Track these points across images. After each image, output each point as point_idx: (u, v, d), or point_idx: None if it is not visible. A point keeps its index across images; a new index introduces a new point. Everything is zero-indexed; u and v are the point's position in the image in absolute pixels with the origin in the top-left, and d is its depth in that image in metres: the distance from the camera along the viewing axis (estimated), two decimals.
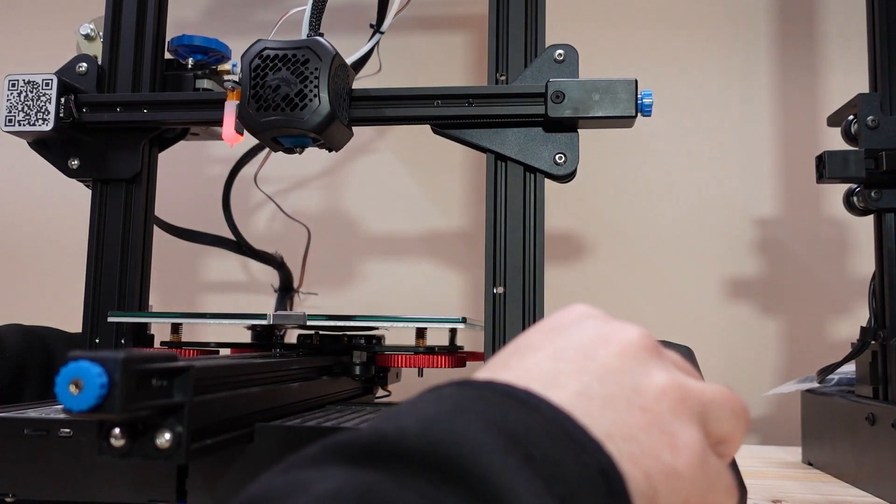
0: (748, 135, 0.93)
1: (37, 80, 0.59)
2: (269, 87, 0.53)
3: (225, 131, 0.57)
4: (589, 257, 0.94)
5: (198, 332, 0.74)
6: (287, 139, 0.56)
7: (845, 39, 0.92)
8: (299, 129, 0.53)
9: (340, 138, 0.58)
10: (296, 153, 0.59)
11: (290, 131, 0.54)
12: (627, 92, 0.56)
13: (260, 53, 0.54)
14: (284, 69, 0.53)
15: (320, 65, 0.53)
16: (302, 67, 0.53)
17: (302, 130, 0.53)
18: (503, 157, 0.58)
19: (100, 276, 0.62)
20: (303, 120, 0.53)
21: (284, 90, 0.53)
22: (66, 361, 0.29)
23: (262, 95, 0.53)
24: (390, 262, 0.97)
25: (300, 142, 0.57)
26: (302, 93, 0.53)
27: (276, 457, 0.40)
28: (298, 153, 0.59)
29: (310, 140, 0.56)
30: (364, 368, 0.60)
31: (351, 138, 0.59)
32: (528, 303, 0.56)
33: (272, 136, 0.55)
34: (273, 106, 0.53)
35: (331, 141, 0.56)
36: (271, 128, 0.54)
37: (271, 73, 0.54)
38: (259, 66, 0.54)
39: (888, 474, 0.54)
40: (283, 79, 0.53)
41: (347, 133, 0.58)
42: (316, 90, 0.53)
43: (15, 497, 0.42)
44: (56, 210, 1.03)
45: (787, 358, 0.90)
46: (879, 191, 0.61)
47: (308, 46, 0.54)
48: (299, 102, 0.53)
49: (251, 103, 0.54)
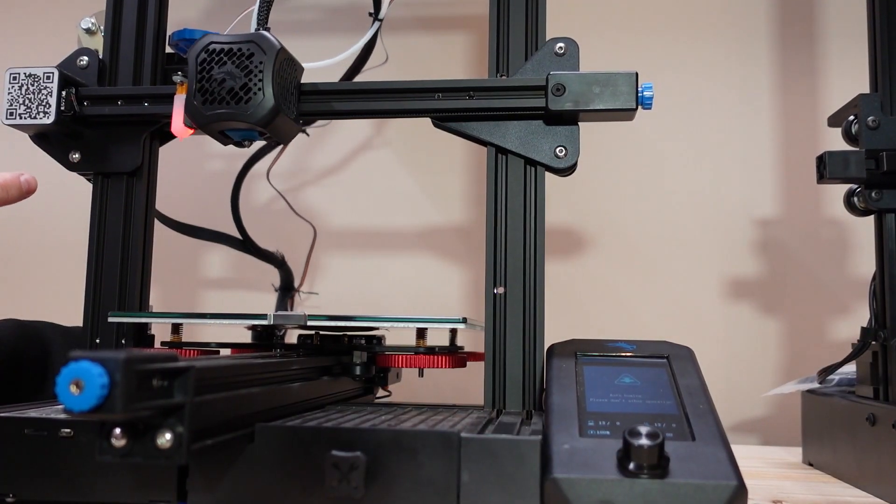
0: (749, 135, 0.93)
1: (38, 73, 0.60)
2: (215, 81, 0.54)
3: (174, 125, 0.58)
4: (589, 257, 0.94)
5: (198, 332, 0.74)
6: (234, 132, 0.57)
7: (845, 40, 0.92)
8: (244, 123, 0.54)
9: (287, 132, 0.58)
10: (244, 146, 0.60)
11: (235, 125, 0.55)
12: (628, 85, 0.56)
13: (206, 47, 0.55)
14: (230, 63, 0.54)
15: (265, 59, 0.54)
16: (247, 61, 0.54)
17: (246, 124, 0.54)
18: (504, 150, 0.58)
19: (100, 273, 0.62)
20: (247, 113, 0.54)
21: (229, 84, 0.54)
22: (67, 361, 0.29)
23: (208, 89, 0.54)
24: (391, 261, 0.97)
25: (247, 135, 0.57)
26: (246, 86, 0.54)
27: (276, 457, 0.40)
28: (247, 146, 0.60)
29: (256, 133, 0.57)
30: (364, 368, 0.60)
31: (299, 132, 0.60)
32: (529, 303, 0.56)
33: (219, 130, 0.56)
34: (218, 99, 0.54)
35: (277, 134, 0.57)
36: (216, 121, 0.55)
37: (217, 66, 0.54)
38: (205, 60, 0.55)
39: (889, 475, 0.54)
40: (228, 72, 0.54)
41: (295, 127, 0.59)
42: (260, 84, 0.54)
43: (15, 497, 0.42)
44: (55, 206, 1.03)
45: (787, 358, 0.90)
46: (880, 191, 0.61)
47: (253, 41, 0.55)
48: (244, 96, 0.54)
49: (197, 97, 0.55)
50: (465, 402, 0.66)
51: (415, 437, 0.39)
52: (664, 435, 0.36)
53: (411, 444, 0.39)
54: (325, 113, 0.61)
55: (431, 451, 0.39)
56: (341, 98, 0.60)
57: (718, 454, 0.37)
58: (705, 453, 0.37)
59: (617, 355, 0.50)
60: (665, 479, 0.35)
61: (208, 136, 0.58)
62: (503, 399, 0.55)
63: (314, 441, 0.39)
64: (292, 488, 0.39)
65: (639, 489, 0.35)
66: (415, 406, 0.59)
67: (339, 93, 0.60)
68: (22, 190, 0.61)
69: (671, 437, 0.39)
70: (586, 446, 0.38)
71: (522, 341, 0.56)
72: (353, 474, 0.38)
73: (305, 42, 1.01)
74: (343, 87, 0.61)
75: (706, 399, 0.43)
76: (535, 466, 0.38)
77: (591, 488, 0.35)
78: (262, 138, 0.58)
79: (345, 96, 0.60)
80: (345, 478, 0.38)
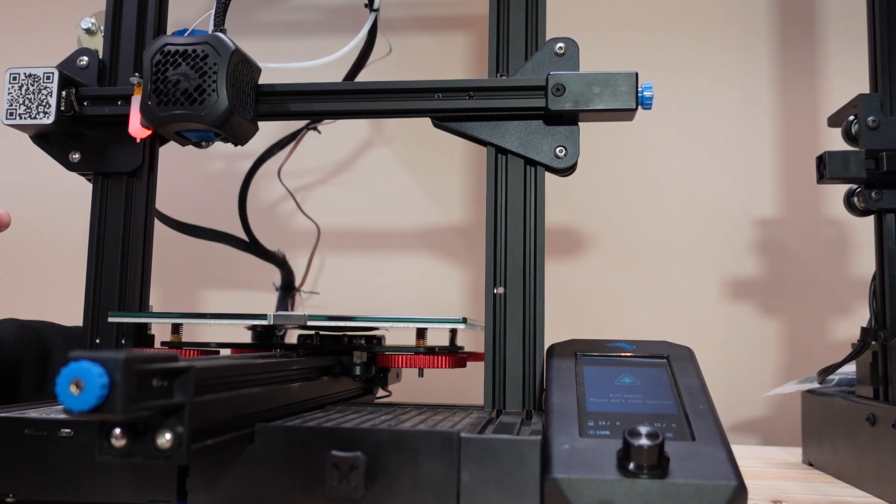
0: (749, 135, 0.93)
1: (38, 73, 0.60)
2: (170, 82, 0.55)
3: (131, 125, 0.59)
4: (589, 257, 0.94)
5: (198, 332, 0.74)
6: (190, 133, 0.57)
7: (845, 40, 0.92)
8: (198, 124, 0.55)
9: (243, 132, 0.59)
10: (203, 147, 0.61)
11: (189, 125, 0.55)
12: (628, 85, 0.56)
13: (161, 49, 0.55)
14: (184, 64, 0.55)
15: (219, 60, 0.55)
16: (201, 63, 0.55)
17: (200, 125, 0.55)
18: (504, 150, 0.58)
19: (100, 273, 0.62)
20: (201, 114, 0.54)
21: (184, 85, 0.54)
22: (67, 362, 0.29)
23: (163, 90, 0.55)
24: (391, 261, 0.97)
25: (203, 136, 0.58)
26: (201, 87, 0.54)
27: (276, 457, 0.40)
28: (204, 147, 0.61)
29: (212, 134, 0.57)
30: (364, 368, 0.60)
31: (256, 132, 0.61)
32: (529, 303, 0.56)
33: (174, 131, 0.57)
34: (173, 101, 0.55)
35: (233, 135, 0.58)
36: (170, 122, 0.55)
37: (171, 68, 0.55)
38: (160, 62, 0.55)
39: (889, 475, 0.54)
40: (182, 74, 0.54)
41: (251, 127, 0.59)
42: (214, 85, 0.54)
43: (15, 497, 0.42)
44: (55, 206, 1.03)
45: (787, 358, 0.90)
46: (880, 191, 0.61)
47: (208, 42, 0.55)
48: (198, 97, 0.54)
49: (152, 97, 0.55)
50: (465, 402, 0.66)
51: (415, 437, 0.39)
52: (664, 435, 0.36)
53: (411, 444, 0.39)
54: (285, 114, 0.61)
55: (431, 451, 0.39)
56: (297, 99, 0.60)
57: (718, 454, 0.37)
58: (705, 453, 0.37)
59: (617, 355, 0.50)
60: (665, 479, 0.35)
61: (163, 135, 0.58)
62: (503, 399, 0.55)
63: (314, 441, 0.40)
64: (292, 488, 0.39)
65: (639, 489, 0.35)
66: (415, 406, 0.59)
67: (297, 94, 0.60)
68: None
69: (671, 437, 0.39)
70: (586, 446, 0.38)
71: (522, 341, 0.56)
72: (353, 474, 0.38)
73: (305, 42, 1.02)
74: (302, 87, 0.61)
75: (706, 399, 0.43)
76: (535, 466, 0.38)
77: (590, 488, 0.35)
78: (218, 139, 0.59)
79: (301, 97, 0.60)
80: (345, 478, 0.38)
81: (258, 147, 0.97)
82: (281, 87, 0.60)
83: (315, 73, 0.67)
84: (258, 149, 0.90)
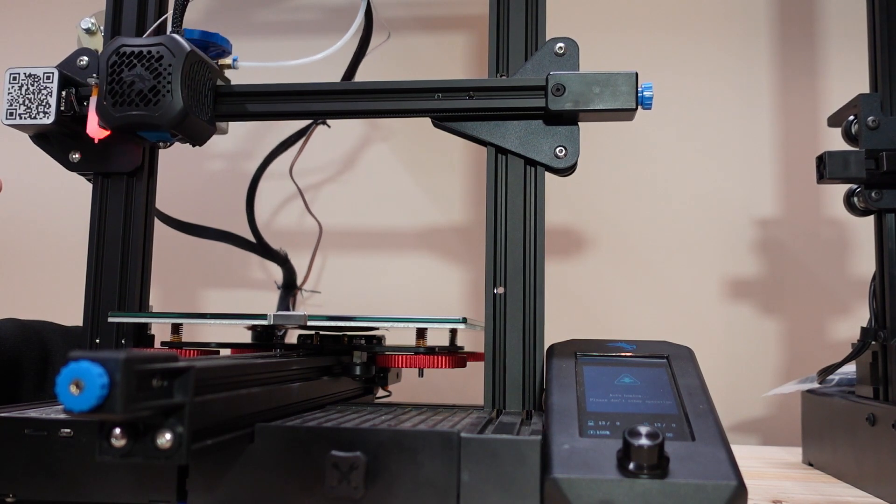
0: (748, 135, 0.93)
1: (38, 73, 0.60)
2: (125, 83, 0.55)
3: (89, 126, 0.59)
4: (589, 257, 0.94)
5: (198, 332, 0.74)
6: (147, 134, 0.58)
7: (845, 40, 0.92)
8: (152, 125, 0.55)
9: (199, 133, 0.59)
10: (161, 147, 0.62)
11: (143, 126, 0.56)
12: (628, 85, 0.56)
13: (117, 50, 0.55)
14: (139, 66, 0.55)
15: (174, 61, 0.55)
16: (156, 64, 0.55)
17: (155, 125, 0.55)
18: (503, 150, 0.58)
19: (100, 273, 0.62)
20: (155, 115, 0.54)
21: (139, 86, 0.55)
22: (67, 362, 0.29)
23: (118, 91, 0.55)
24: (390, 261, 0.97)
25: (161, 136, 0.58)
26: (155, 88, 0.55)
27: (276, 457, 0.40)
28: (162, 148, 0.62)
29: (169, 135, 0.58)
30: (364, 368, 0.60)
31: (214, 133, 0.61)
32: (529, 303, 0.56)
33: (130, 131, 0.57)
34: (128, 101, 0.55)
35: (189, 136, 0.58)
36: (125, 122, 0.55)
37: (127, 69, 0.55)
38: (116, 63, 0.55)
39: (888, 475, 0.54)
40: (137, 75, 0.55)
41: (208, 128, 0.59)
42: (169, 86, 0.54)
43: (15, 497, 0.42)
44: (55, 206, 1.03)
45: (787, 358, 0.90)
46: (880, 191, 0.61)
47: (163, 43, 0.55)
48: (153, 98, 0.55)
49: (108, 98, 0.55)
50: (465, 402, 0.66)
51: (415, 437, 0.39)
52: (664, 435, 0.36)
53: (411, 444, 0.39)
54: (244, 115, 0.61)
55: (431, 451, 0.39)
56: (256, 99, 0.60)
57: (718, 454, 0.37)
58: (705, 453, 0.37)
59: (617, 355, 0.50)
60: (665, 479, 0.35)
61: (121, 136, 0.59)
62: (503, 399, 0.55)
63: (314, 441, 0.40)
64: (292, 488, 0.39)
65: (639, 489, 0.35)
66: (415, 406, 0.59)
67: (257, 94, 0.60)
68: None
69: (671, 437, 0.39)
70: (586, 446, 0.38)
71: (522, 341, 0.56)
72: (353, 474, 0.38)
73: (305, 42, 1.02)
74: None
75: (706, 399, 0.43)
76: (535, 466, 0.38)
77: (591, 488, 0.35)
78: (175, 139, 0.59)
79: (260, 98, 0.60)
80: (345, 478, 0.38)
81: (258, 147, 0.97)
82: (239, 88, 0.60)
83: (316, 69, 0.67)
84: (259, 149, 0.90)
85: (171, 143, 0.60)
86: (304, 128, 0.89)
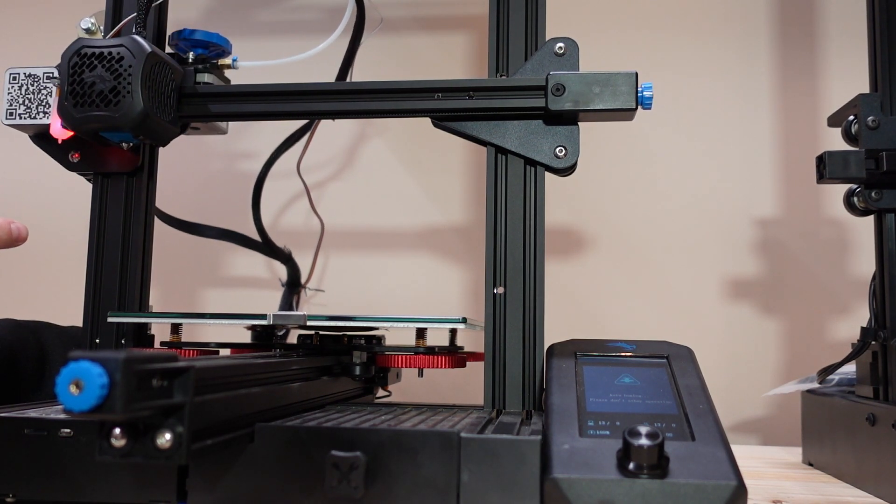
0: (748, 135, 0.93)
1: (38, 73, 0.60)
2: (86, 84, 0.55)
3: (52, 126, 0.60)
4: (589, 257, 0.94)
5: (198, 332, 0.74)
6: (110, 134, 0.58)
7: (845, 40, 0.92)
8: (113, 125, 0.55)
9: (161, 134, 0.59)
10: (124, 148, 0.62)
11: (104, 127, 0.56)
12: (628, 85, 0.56)
13: (78, 51, 0.55)
14: (100, 67, 0.55)
15: (134, 62, 0.55)
16: (116, 65, 0.55)
17: (116, 126, 0.55)
18: (503, 150, 0.58)
19: (100, 273, 0.62)
20: (115, 116, 0.54)
21: (99, 87, 0.55)
22: (67, 361, 0.29)
23: (79, 92, 0.55)
24: (390, 261, 0.97)
25: (122, 137, 0.59)
26: (116, 89, 0.55)
27: (276, 457, 0.40)
28: (125, 148, 0.62)
29: (131, 136, 0.58)
30: (364, 368, 0.60)
31: (178, 134, 0.61)
32: (529, 303, 0.56)
33: (92, 132, 0.57)
34: (89, 102, 0.55)
35: (150, 136, 0.58)
36: (86, 123, 0.55)
37: (88, 70, 0.55)
38: (77, 64, 0.55)
39: (888, 475, 0.54)
40: (98, 76, 0.55)
41: (171, 129, 0.59)
42: (129, 87, 0.54)
43: (15, 497, 0.42)
44: (55, 206, 1.03)
45: (787, 358, 0.90)
46: (880, 191, 0.61)
47: (123, 45, 0.55)
48: (113, 99, 0.55)
49: (69, 99, 0.55)
50: (465, 402, 0.66)
51: (415, 437, 0.39)
52: (664, 435, 0.36)
53: (411, 444, 0.39)
54: (209, 116, 0.61)
55: (431, 451, 0.39)
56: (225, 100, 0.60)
57: (718, 454, 0.37)
58: (705, 453, 0.37)
59: (617, 355, 0.50)
60: (665, 479, 0.35)
61: (83, 136, 0.59)
62: (503, 399, 0.55)
63: (314, 441, 0.40)
64: (292, 488, 0.39)
65: (639, 489, 0.35)
66: (415, 406, 0.59)
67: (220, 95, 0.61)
68: (11, 237, 0.60)
69: (671, 437, 0.39)
70: (586, 446, 0.38)
71: (522, 341, 0.56)
72: (353, 474, 0.38)
73: (305, 42, 1.01)
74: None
75: (706, 399, 0.43)
76: (535, 466, 0.38)
77: (590, 488, 0.35)
78: (137, 140, 0.59)
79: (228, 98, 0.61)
80: (345, 478, 0.38)
81: (258, 146, 0.97)
82: (203, 89, 0.61)
83: (317, 66, 0.67)
84: (258, 148, 0.90)
85: (135, 143, 0.61)
86: (307, 124, 0.88)
